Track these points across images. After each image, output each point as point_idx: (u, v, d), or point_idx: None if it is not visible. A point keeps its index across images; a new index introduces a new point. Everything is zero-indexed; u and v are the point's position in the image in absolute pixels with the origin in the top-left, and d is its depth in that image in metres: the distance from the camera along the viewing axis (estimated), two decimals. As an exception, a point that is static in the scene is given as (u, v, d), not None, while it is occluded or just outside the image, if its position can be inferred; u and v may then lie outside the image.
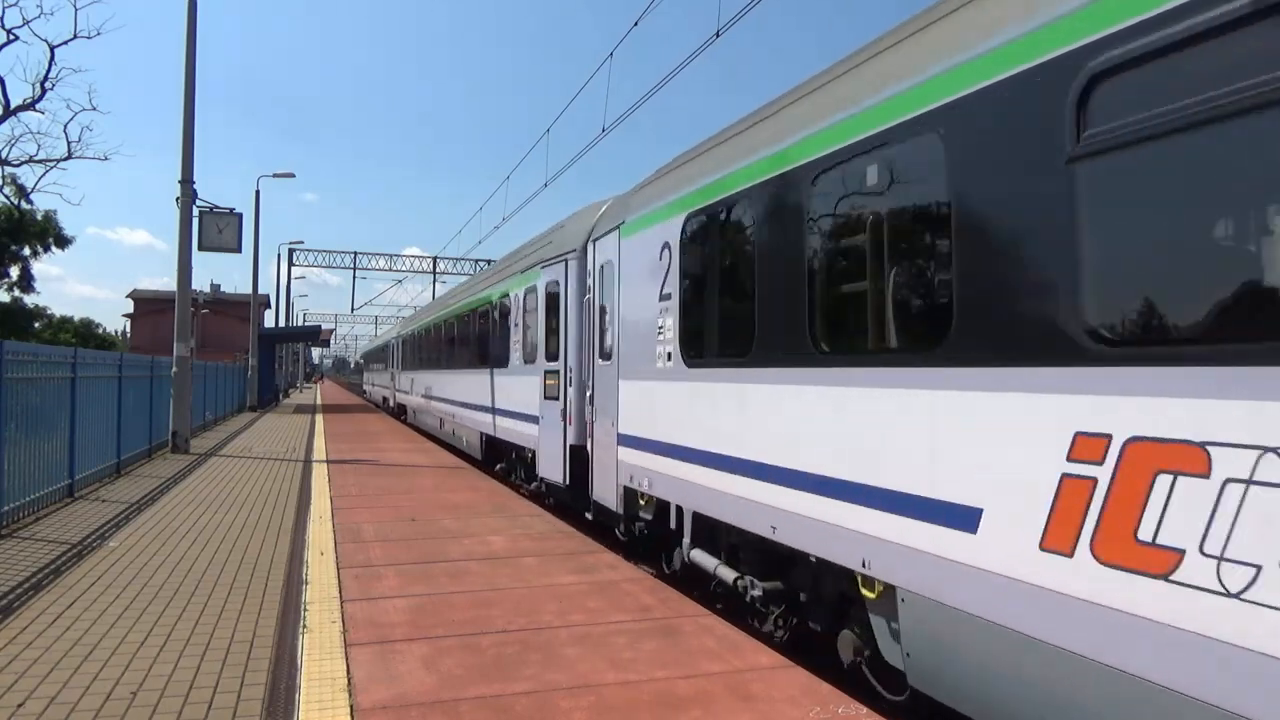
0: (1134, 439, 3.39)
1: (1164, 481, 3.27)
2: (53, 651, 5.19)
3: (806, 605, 6.29)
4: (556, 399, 11.77)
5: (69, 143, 51.73)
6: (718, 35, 12.79)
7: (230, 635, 5.55)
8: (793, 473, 5.76)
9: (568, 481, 11.12)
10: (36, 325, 52.02)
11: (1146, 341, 3.48)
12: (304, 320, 77.18)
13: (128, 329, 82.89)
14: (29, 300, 50.58)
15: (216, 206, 19.87)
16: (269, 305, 58.63)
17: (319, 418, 30.32)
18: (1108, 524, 3.46)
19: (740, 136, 7.01)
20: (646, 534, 9.02)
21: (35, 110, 36.34)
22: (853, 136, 5.20)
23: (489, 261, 55.13)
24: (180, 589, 6.68)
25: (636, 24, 15.14)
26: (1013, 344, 3.99)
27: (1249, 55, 3.07)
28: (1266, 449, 2.96)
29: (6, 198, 43.01)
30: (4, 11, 61.22)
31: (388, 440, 21.60)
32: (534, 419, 12.84)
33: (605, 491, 9.75)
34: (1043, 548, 3.75)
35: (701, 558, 7.46)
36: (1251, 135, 3.09)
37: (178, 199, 18.23)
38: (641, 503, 8.84)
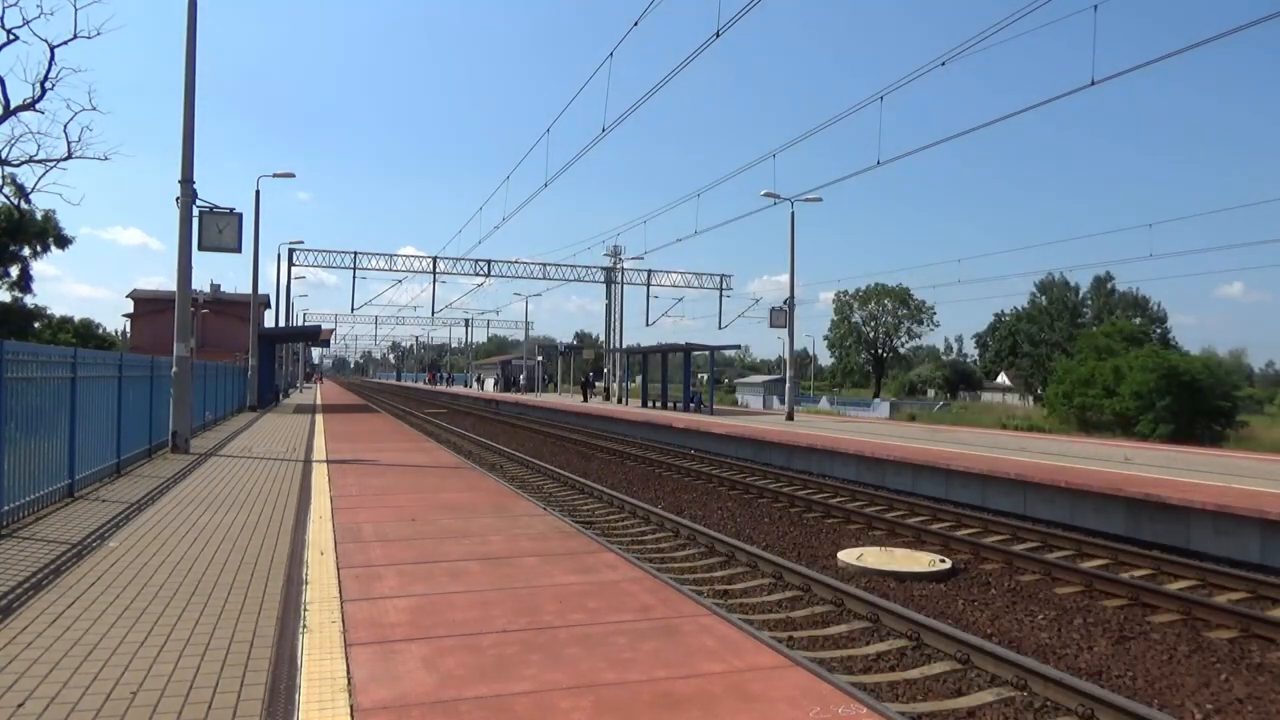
0: None
1: None
2: (53, 651, 5.19)
3: None
4: None
5: (69, 143, 51.59)
6: (718, 35, 12.82)
7: (230, 635, 5.55)
8: None
9: None
10: (36, 325, 51.98)
11: None
12: (304, 320, 77.21)
13: (128, 329, 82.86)
14: (28, 300, 50.57)
15: (216, 206, 19.86)
16: (269, 305, 58.71)
17: (319, 418, 30.30)
18: None
19: None
20: None
21: (35, 110, 36.32)
22: None
23: (489, 262, 55.18)
24: (180, 589, 6.68)
25: (636, 24, 15.17)
26: None
27: None
28: None
29: (6, 198, 43.03)
30: (4, 11, 60.97)
31: (388, 440, 21.60)
32: None
33: None
34: None
35: None
36: None
37: (178, 199, 18.21)
38: None
